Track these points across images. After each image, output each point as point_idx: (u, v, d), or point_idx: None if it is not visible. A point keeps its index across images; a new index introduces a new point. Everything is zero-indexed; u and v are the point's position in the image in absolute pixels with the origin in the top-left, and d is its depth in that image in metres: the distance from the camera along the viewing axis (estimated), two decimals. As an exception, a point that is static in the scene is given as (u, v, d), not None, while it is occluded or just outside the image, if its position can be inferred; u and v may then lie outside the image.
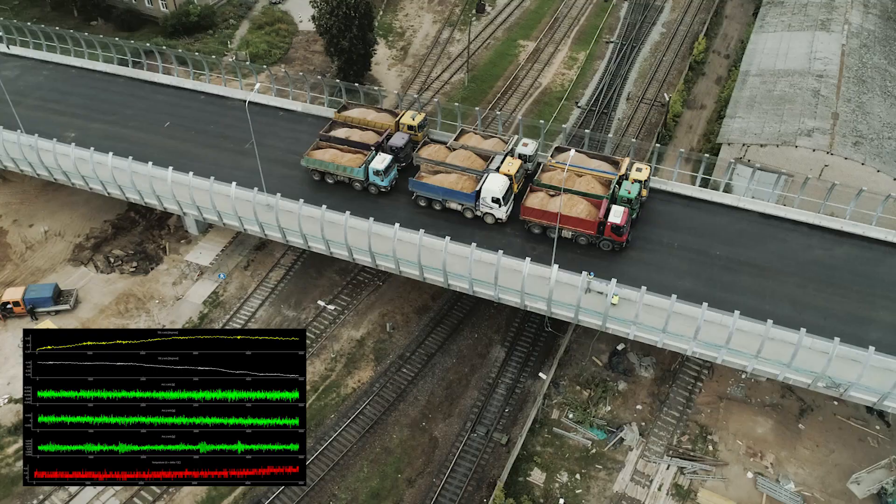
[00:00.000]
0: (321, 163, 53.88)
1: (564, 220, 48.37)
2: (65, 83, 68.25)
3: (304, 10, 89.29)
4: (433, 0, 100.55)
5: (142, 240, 61.85)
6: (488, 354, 53.96)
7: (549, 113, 77.63)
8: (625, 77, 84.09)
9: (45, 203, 64.76)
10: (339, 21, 74.16)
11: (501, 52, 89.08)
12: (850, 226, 50.05)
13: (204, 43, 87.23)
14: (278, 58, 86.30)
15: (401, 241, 46.59)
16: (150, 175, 52.43)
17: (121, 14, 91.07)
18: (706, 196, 53.21)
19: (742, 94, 68.69)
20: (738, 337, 41.06)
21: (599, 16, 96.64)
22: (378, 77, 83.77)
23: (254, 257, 60.29)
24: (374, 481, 46.10)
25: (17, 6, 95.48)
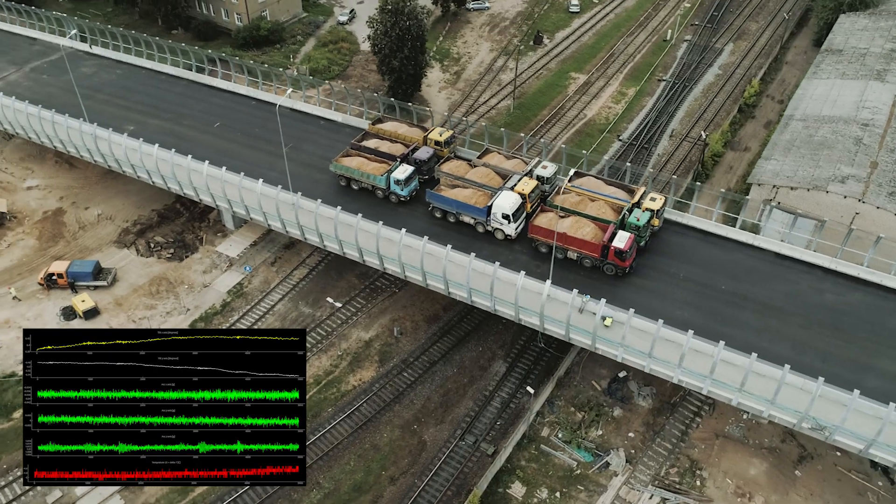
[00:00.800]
0: (347, 169, 56.63)
1: (570, 241, 49.26)
2: (133, 82, 73.99)
3: (367, 30, 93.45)
4: (494, 30, 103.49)
5: (182, 230, 66.04)
6: (489, 368, 54.87)
7: (589, 144, 78.62)
8: (671, 115, 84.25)
9: (103, 189, 70.04)
10: (392, 41, 77.65)
11: (552, 83, 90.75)
12: (868, 273, 48.84)
13: (270, 56, 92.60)
14: (336, 73, 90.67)
15: (406, 247, 48.46)
16: (189, 167, 56.41)
17: (199, 25, 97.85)
18: (721, 231, 52.94)
19: (781, 138, 67.96)
20: (722, 368, 40.91)
21: (656, 54, 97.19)
22: (427, 97, 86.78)
23: (281, 255, 63.38)
24: (358, 475, 47.56)
25: (109, 13, 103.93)
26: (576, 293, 44.16)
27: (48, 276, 58.34)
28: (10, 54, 79.38)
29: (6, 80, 74.57)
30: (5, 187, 70.26)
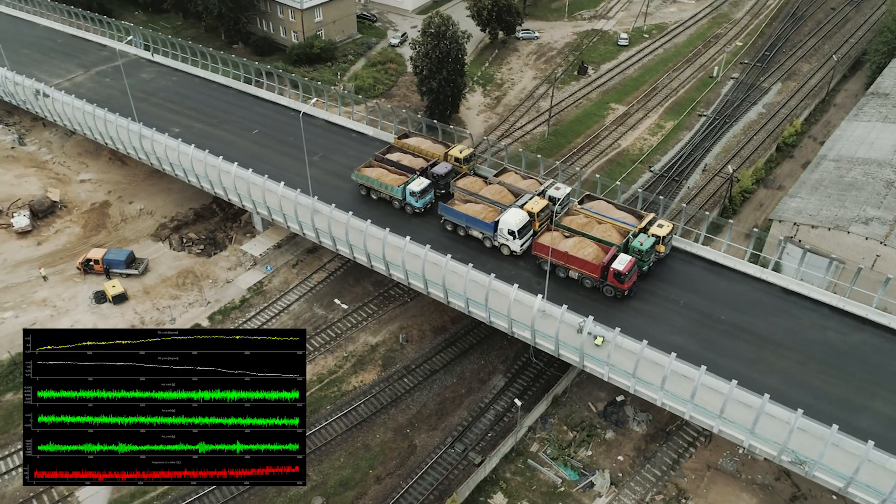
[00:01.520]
0: (368, 179, 58.96)
1: (571, 260, 50.06)
2: (186, 89, 78.75)
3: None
4: (540, 59, 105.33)
5: (215, 228, 69.58)
6: (489, 381, 55.72)
7: (619, 173, 79.12)
8: (707, 150, 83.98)
9: (148, 186, 74.47)
10: (432, 63, 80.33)
11: (590, 112, 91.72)
12: (877, 314, 47.81)
13: (320, 72, 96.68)
14: (381, 92, 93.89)
15: (411, 255, 50.18)
16: (220, 168, 59.88)
17: (257, 41, 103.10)
18: (729, 263, 52.72)
19: (811, 177, 67.09)
20: (705, 394, 40.83)
21: (700, 90, 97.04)
22: (465, 119, 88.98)
23: (303, 258, 65.99)
24: (346, 471, 48.98)
25: (178, 26, 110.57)
26: (563, 308, 44.83)
27: (86, 261, 62.44)
28: (80, 58, 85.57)
29: (73, 80, 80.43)
30: (61, 179, 75.57)
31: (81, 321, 58.37)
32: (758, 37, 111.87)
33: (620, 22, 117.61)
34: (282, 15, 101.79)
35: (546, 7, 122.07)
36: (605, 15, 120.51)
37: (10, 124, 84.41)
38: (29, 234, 67.52)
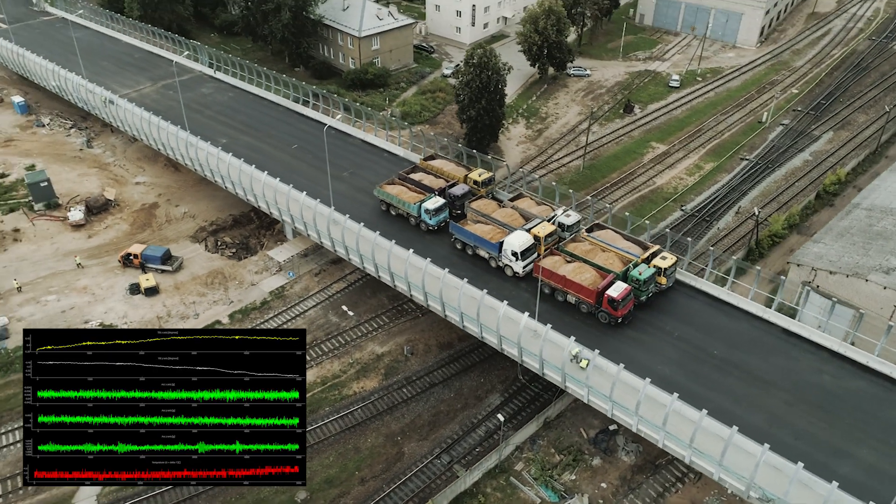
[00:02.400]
0: (388, 195, 61.60)
1: (569, 284, 50.96)
2: (239, 104, 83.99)
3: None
4: (588, 95, 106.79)
5: (249, 235, 73.61)
6: (485, 399, 56.73)
7: (649, 210, 79.36)
8: (744, 193, 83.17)
9: (195, 192, 79.48)
10: (472, 92, 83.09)
11: (630, 149, 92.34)
12: (878, 363, 46.61)
13: (371, 97, 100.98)
14: (426, 119, 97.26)
15: (413, 266, 52.24)
16: (252, 175, 63.78)
17: (317, 65, 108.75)
18: (732, 300, 52.36)
19: (840, 223, 65.90)
20: (678, 422, 40.85)
21: (746, 134, 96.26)
22: (503, 148, 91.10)
23: (326, 268, 68.96)
24: (333, 470, 50.76)
25: (248, 49, 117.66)
26: (548, 327, 45.77)
27: (126, 255, 67.22)
28: (150, 72, 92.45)
29: (140, 91, 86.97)
30: (118, 180, 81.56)
31: (114, 309, 62.79)
32: (816, 85, 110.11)
33: (675, 64, 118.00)
34: (341, 42, 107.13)
35: (602, 47, 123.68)
36: (661, 57, 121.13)
37: (83, 128, 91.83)
38: (82, 227, 73.14)
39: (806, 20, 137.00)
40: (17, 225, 72.56)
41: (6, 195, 76.81)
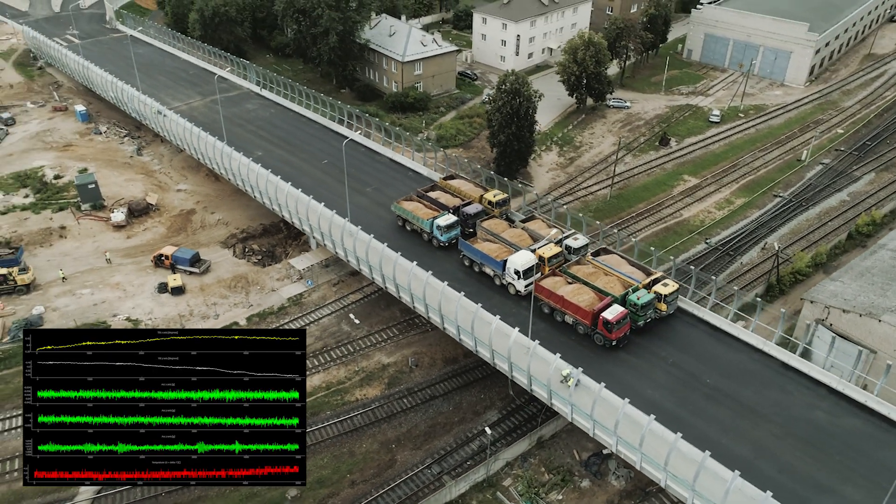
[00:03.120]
0: (404, 211, 63.64)
1: (567, 304, 51.71)
2: (279, 120, 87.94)
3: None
4: (625, 127, 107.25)
5: (276, 244, 76.67)
6: (483, 414, 57.49)
7: (672, 241, 79.16)
8: (773, 230, 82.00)
9: (231, 201, 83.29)
10: (503, 117, 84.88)
11: (660, 181, 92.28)
12: (876, 402, 45.64)
13: (410, 120, 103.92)
14: (461, 142, 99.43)
15: (416, 278, 53.93)
16: (277, 185, 66.87)
17: (361, 87, 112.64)
18: (733, 330, 52.06)
19: (862, 263, 64.68)
20: (653, 442, 40.98)
21: (783, 171, 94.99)
22: (532, 174, 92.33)
23: (344, 279, 71.18)
24: (326, 471, 52.27)
25: (298, 70, 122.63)
26: (536, 344, 46.56)
27: (158, 256, 71.00)
28: (201, 87, 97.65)
29: (189, 105, 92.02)
30: (162, 186, 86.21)
31: (141, 305, 66.32)
32: (863, 126, 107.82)
33: (718, 100, 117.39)
34: (385, 66, 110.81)
35: (645, 80, 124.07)
36: (704, 92, 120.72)
37: (136, 137, 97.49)
38: (123, 228, 77.59)
39: (861, 61, 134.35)
40: (64, 223, 77.48)
41: (58, 195, 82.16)
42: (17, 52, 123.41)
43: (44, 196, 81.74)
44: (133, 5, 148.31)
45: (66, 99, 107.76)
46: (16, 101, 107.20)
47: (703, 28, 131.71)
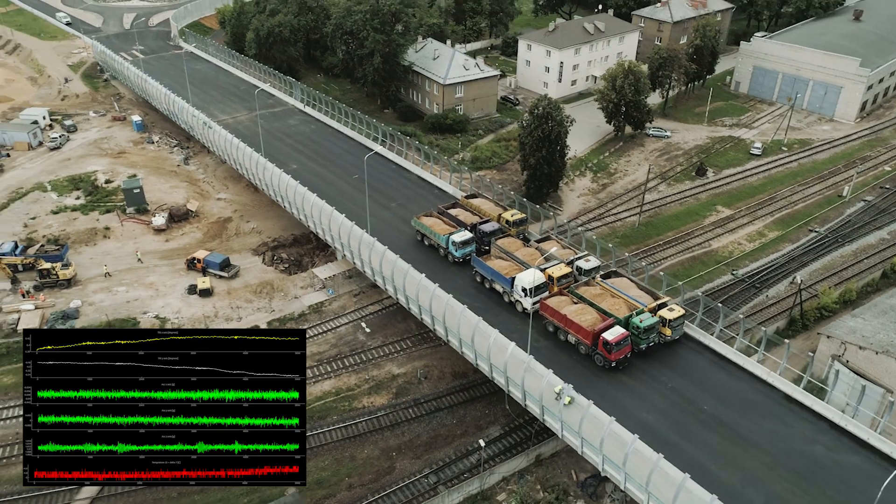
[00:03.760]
0: (422, 226, 65.33)
1: (569, 324, 52.23)
2: (317, 135, 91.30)
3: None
4: (663, 156, 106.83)
5: (305, 253, 79.35)
6: (485, 429, 58.09)
7: (697, 270, 78.52)
8: (804, 264, 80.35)
9: (266, 211, 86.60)
10: (534, 141, 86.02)
11: (693, 211, 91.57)
12: (878, 440, 44.60)
13: (447, 141, 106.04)
14: (495, 164, 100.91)
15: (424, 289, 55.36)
16: (303, 195, 69.56)
17: (404, 107, 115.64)
18: (738, 359, 51.59)
19: (887, 301, 63.18)
20: (634, 460, 41.05)
21: (822, 206, 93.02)
22: (564, 198, 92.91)
23: (365, 290, 73.06)
24: (325, 473, 53.71)
25: (346, 90, 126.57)
26: (530, 358, 47.19)
27: (191, 259, 74.43)
28: (249, 102, 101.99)
29: (235, 118, 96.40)
30: (203, 194, 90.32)
31: (171, 305, 69.59)
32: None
33: (763, 133, 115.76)
34: (428, 88, 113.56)
35: (688, 110, 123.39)
36: (749, 124, 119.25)
37: (185, 147, 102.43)
38: (163, 232, 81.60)
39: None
40: (109, 224, 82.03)
41: (107, 198, 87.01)
42: (85, 65, 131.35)
43: (94, 199, 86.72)
44: (198, 24, 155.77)
45: (125, 109, 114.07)
46: (80, 109, 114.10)
47: (752, 60, 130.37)
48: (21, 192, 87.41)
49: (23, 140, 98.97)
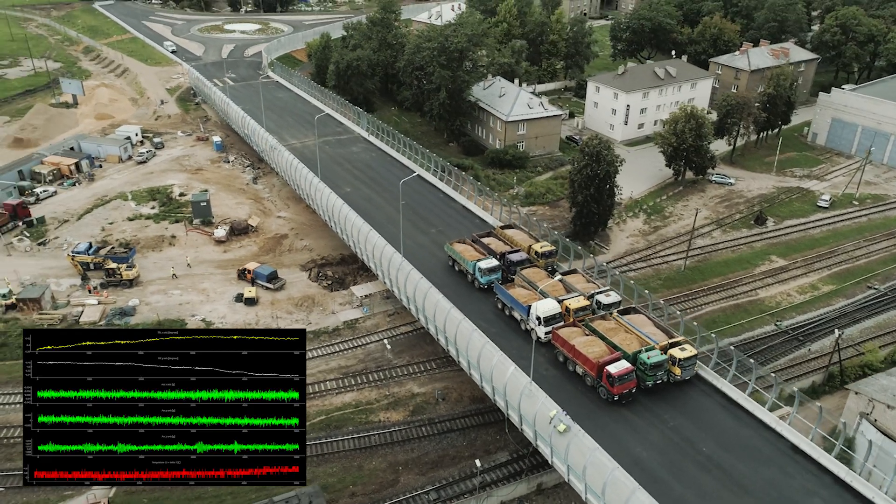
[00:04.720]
0: (454, 252, 67.51)
1: (577, 354, 52.78)
2: (376, 162, 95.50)
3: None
4: (723, 203, 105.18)
5: (349, 272, 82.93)
6: (494, 454, 58.97)
7: (739, 318, 76.87)
8: (856, 321, 77.12)
9: (320, 230, 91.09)
10: (582, 179, 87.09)
11: (744, 259, 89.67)
12: (884, 500, 42.75)
13: (505, 175, 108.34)
14: (548, 201, 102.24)
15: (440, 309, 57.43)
16: (346, 215, 73.27)
17: (467, 142, 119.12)
18: (748, 405, 50.43)
19: (929, 363, 59.87)
20: (613, 490, 41.16)
21: (886, 263, 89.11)
22: (611, 237, 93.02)
23: (400, 311, 75.63)
24: (332, 479, 55.91)
25: (416, 122, 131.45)
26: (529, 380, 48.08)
27: (242, 270, 79.38)
28: (320, 129, 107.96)
29: (303, 143, 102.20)
30: (265, 212, 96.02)
31: (217, 310, 74.39)
32: None
33: (834, 186, 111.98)
34: (492, 124, 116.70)
35: (758, 159, 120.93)
36: (821, 176, 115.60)
37: (256, 168, 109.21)
38: (222, 243, 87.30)
39: None
40: (175, 233, 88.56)
41: (178, 209, 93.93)
42: (181, 89, 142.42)
43: (166, 209, 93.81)
44: (289, 57, 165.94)
45: (209, 131, 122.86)
46: (170, 129, 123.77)
47: (831, 112, 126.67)
48: (105, 200, 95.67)
49: (114, 153, 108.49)
